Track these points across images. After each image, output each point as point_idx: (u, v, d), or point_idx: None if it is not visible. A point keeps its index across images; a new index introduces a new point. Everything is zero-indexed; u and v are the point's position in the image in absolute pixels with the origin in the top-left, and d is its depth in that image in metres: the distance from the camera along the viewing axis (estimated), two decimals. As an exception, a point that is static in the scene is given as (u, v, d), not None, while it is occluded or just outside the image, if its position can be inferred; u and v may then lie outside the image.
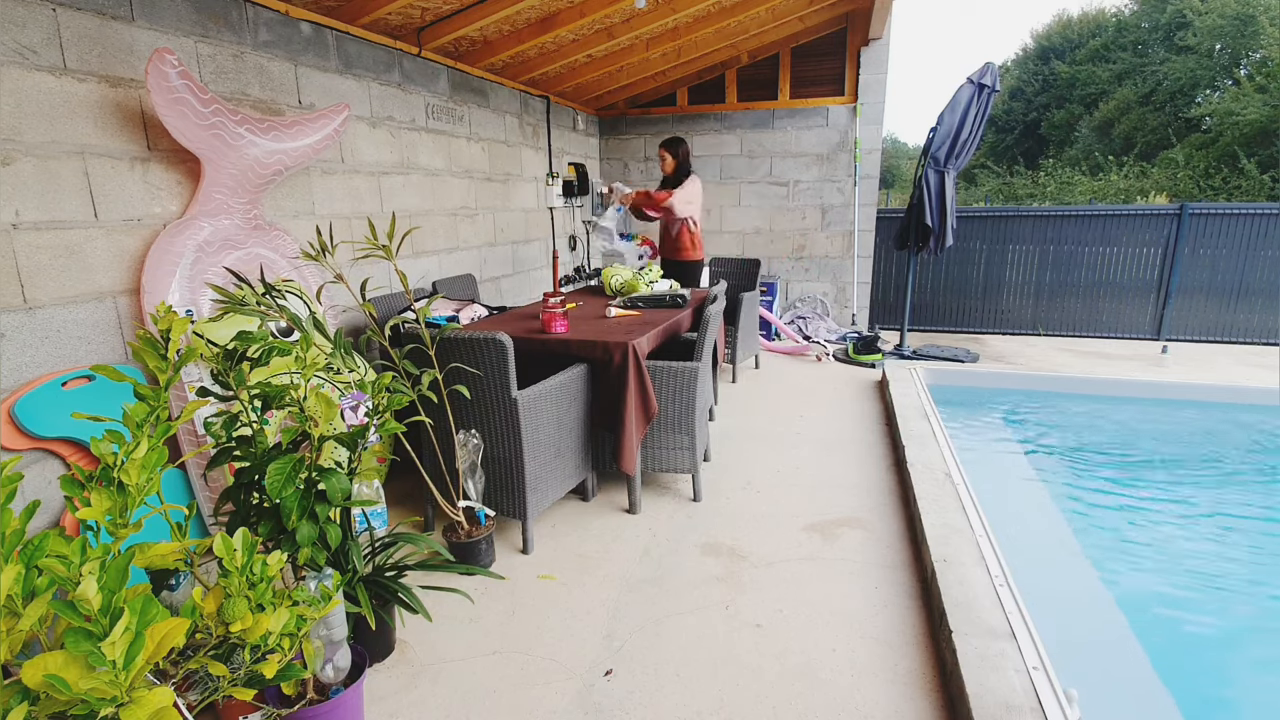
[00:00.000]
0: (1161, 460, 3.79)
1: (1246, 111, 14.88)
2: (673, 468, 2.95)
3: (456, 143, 4.36)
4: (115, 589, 1.09)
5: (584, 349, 2.80)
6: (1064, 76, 22.09)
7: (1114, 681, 2.09)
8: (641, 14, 4.31)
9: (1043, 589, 2.24)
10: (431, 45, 3.82)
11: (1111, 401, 4.63)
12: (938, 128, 5.07)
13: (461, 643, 2.05)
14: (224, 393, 1.67)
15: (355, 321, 3.46)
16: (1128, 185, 15.74)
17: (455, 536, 2.42)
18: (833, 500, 2.96)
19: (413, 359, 2.34)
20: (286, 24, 3.00)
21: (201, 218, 2.48)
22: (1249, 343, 6.05)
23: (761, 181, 6.43)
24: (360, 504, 1.69)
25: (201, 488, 2.40)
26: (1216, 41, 17.30)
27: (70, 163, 2.17)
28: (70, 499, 1.26)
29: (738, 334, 4.69)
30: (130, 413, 1.34)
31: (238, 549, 1.33)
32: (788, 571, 2.41)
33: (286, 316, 2.02)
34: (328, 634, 1.57)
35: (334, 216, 3.33)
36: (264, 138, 2.55)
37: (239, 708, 1.51)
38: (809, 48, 6.02)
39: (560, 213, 5.96)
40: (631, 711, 1.76)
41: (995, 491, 3.12)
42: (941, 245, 5.29)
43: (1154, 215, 6.06)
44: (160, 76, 2.20)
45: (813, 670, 1.90)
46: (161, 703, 1.07)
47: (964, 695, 1.65)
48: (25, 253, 2.05)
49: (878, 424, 3.94)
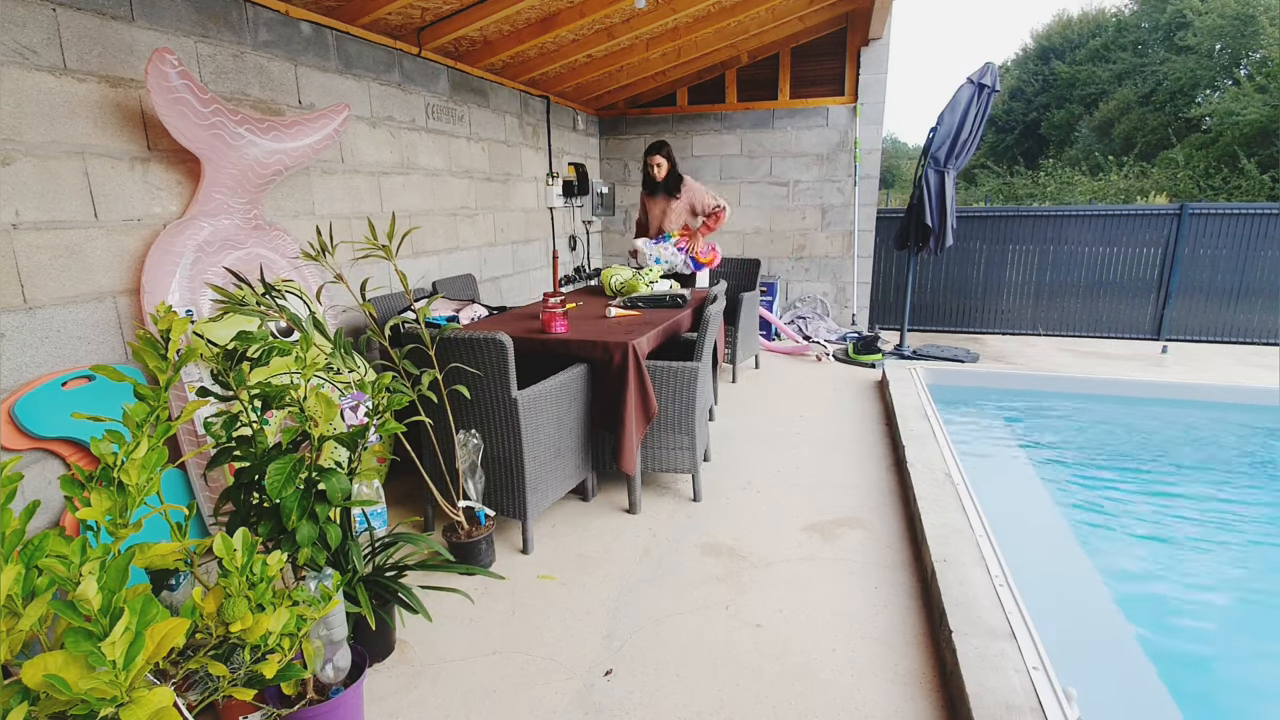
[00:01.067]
0: (1161, 460, 3.79)
1: (1246, 111, 14.89)
2: (673, 468, 2.95)
3: (456, 143, 4.36)
4: (115, 589, 1.09)
5: (584, 349, 2.80)
6: (1064, 76, 22.10)
7: (1114, 681, 2.09)
8: (641, 14, 4.31)
9: (1043, 589, 2.24)
10: (431, 45, 3.82)
11: (1111, 401, 4.63)
12: (938, 128, 5.07)
13: (461, 643, 2.05)
14: (224, 393, 1.67)
15: (355, 321, 3.46)
16: (1128, 185, 15.74)
17: (455, 536, 2.42)
18: (833, 500, 2.96)
19: (413, 359, 2.34)
20: (286, 24, 3.00)
21: (201, 218, 2.48)
22: (1249, 343, 6.05)
23: (761, 181, 6.43)
24: (360, 504, 1.69)
25: (201, 488, 2.40)
26: (1216, 41, 17.30)
27: (70, 163, 2.17)
28: (70, 499, 1.26)
29: (738, 334, 4.69)
30: (130, 413, 1.34)
31: (238, 549, 1.33)
32: (788, 571, 2.40)
33: (286, 316, 2.02)
34: (328, 634, 1.57)
35: (334, 216, 3.33)
36: (264, 138, 2.55)
37: (239, 708, 1.51)
38: (809, 48, 6.02)
39: (560, 213, 5.96)
40: (631, 711, 1.76)
41: (995, 491, 3.12)
42: (941, 245, 5.29)
43: (1154, 215, 6.06)
44: (160, 76, 2.20)
45: (813, 670, 1.90)
46: (161, 703, 1.07)
47: (964, 695, 1.65)
48: (25, 253, 2.05)
49: (878, 424, 3.94)
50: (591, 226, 6.70)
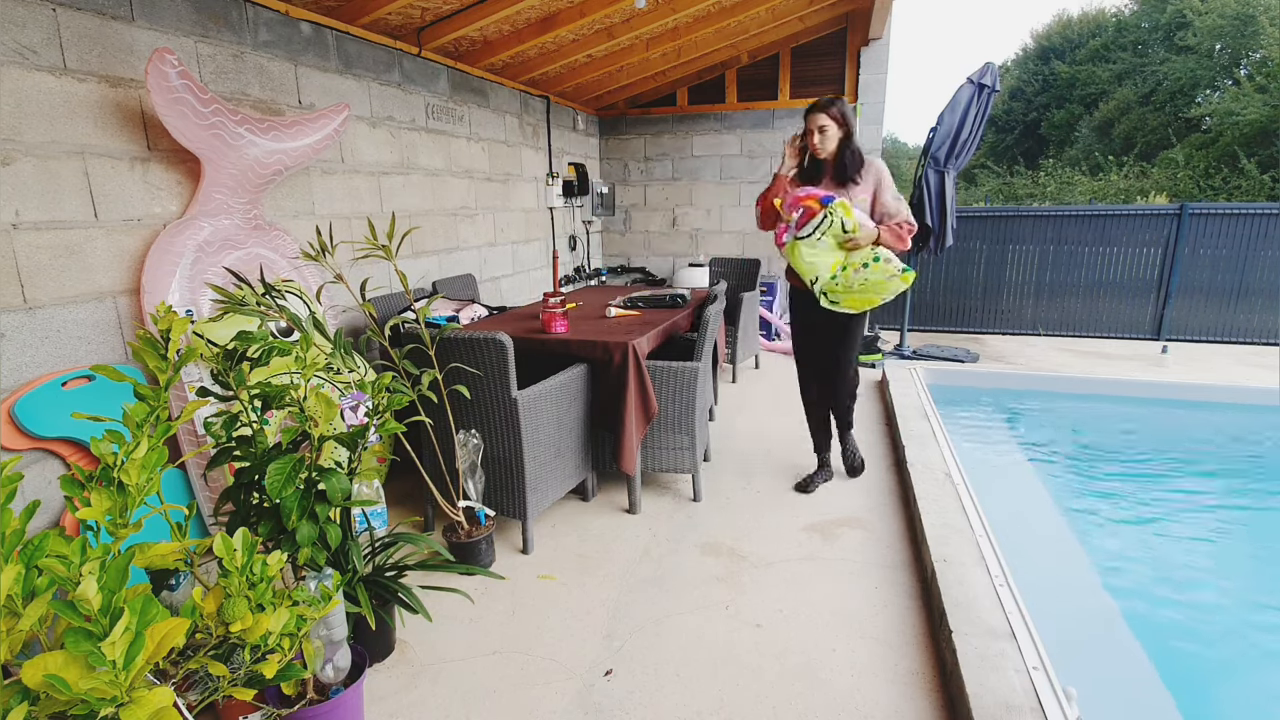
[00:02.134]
0: (1161, 460, 3.79)
1: (1246, 111, 14.88)
2: (673, 468, 2.95)
3: (456, 143, 4.36)
4: (115, 589, 1.09)
5: (584, 349, 2.80)
6: (1064, 76, 22.09)
7: (1113, 681, 2.09)
8: (641, 14, 4.31)
9: (1043, 589, 2.24)
10: (431, 45, 3.82)
11: (1111, 401, 4.63)
12: (938, 128, 5.07)
13: (461, 643, 2.05)
14: (224, 393, 1.67)
15: (355, 321, 3.46)
16: (1128, 185, 15.74)
17: (455, 536, 2.42)
18: (833, 500, 2.95)
19: (413, 359, 2.34)
20: (286, 24, 3.00)
21: (201, 218, 2.48)
22: (1249, 343, 6.05)
23: (762, 182, 6.43)
24: (360, 504, 1.69)
25: (201, 488, 2.40)
26: (1216, 41, 17.30)
27: (70, 163, 2.17)
28: (70, 499, 1.26)
29: (738, 334, 4.69)
30: (130, 413, 1.34)
31: (238, 549, 1.33)
32: (788, 571, 2.40)
33: (286, 316, 2.02)
34: (328, 634, 1.57)
35: (334, 216, 3.33)
36: (264, 138, 2.55)
37: (239, 708, 1.51)
38: (809, 48, 6.02)
39: (560, 213, 5.96)
40: (631, 711, 1.76)
41: (995, 491, 3.12)
42: (941, 245, 5.29)
43: (1154, 215, 6.06)
44: (160, 76, 2.20)
45: (813, 670, 1.90)
46: (161, 703, 1.07)
47: (964, 695, 1.65)
48: (25, 253, 2.05)
49: (878, 424, 3.94)
50: (591, 226, 6.70)
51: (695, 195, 6.72)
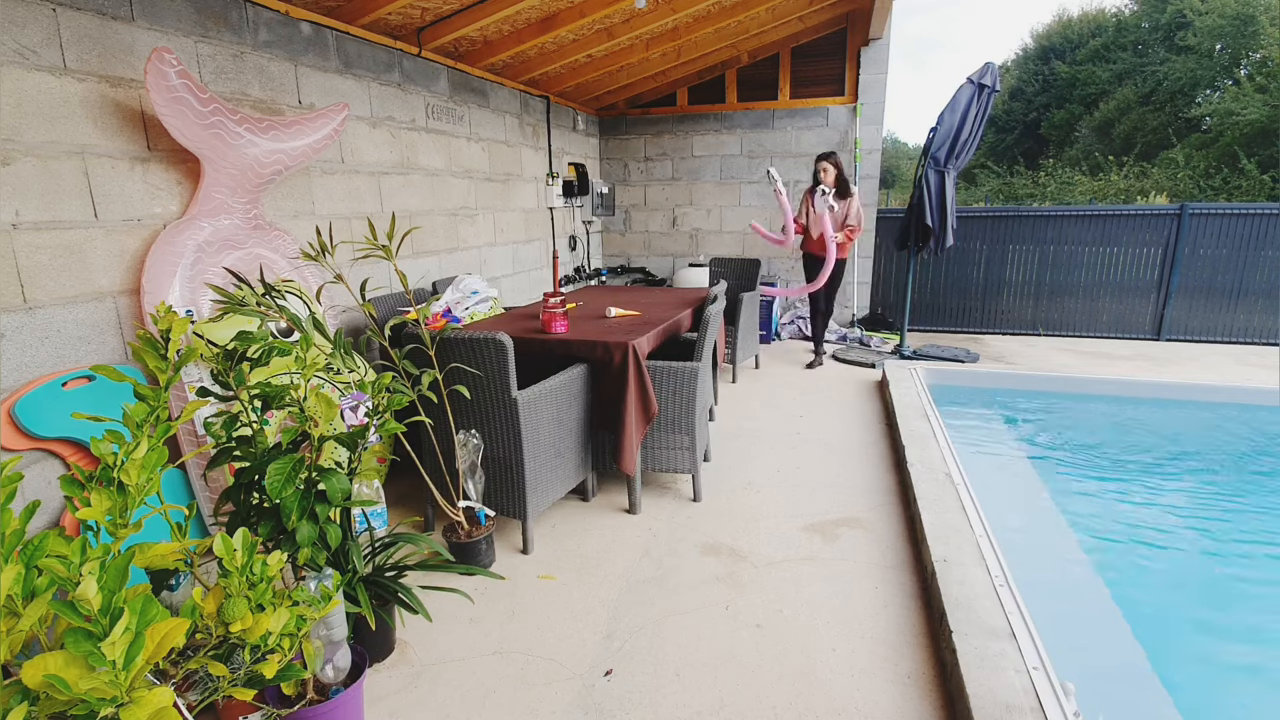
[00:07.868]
0: (1161, 460, 3.79)
1: (1246, 111, 14.88)
2: (673, 468, 2.95)
3: (456, 143, 4.36)
4: (115, 589, 1.09)
5: (584, 349, 2.80)
6: (1064, 76, 22.08)
7: (1113, 680, 2.09)
8: (641, 14, 4.31)
9: (1043, 589, 2.24)
10: (431, 45, 3.82)
11: (1111, 401, 4.63)
12: (938, 128, 5.07)
13: (461, 643, 2.05)
14: (224, 393, 1.67)
15: (355, 321, 3.46)
16: (1128, 185, 15.73)
17: (455, 536, 2.42)
18: (833, 500, 2.95)
19: (413, 359, 2.34)
20: (286, 24, 3.00)
21: (201, 218, 2.48)
22: (1249, 343, 6.05)
23: (762, 181, 6.43)
24: (360, 504, 1.69)
25: (201, 488, 2.40)
26: (1216, 41, 17.28)
27: (70, 163, 2.17)
28: (70, 499, 1.26)
29: (738, 334, 4.69)
30: (130, 413, 1.34)
31: (238, 549, 1.33)
32: (788, 571, 2.40)
33: (286, 316, 2.02)
34: (328, 634, 1.57)
35: (334, 216, 3.33)
36: (263, 137, 2.55)
37: (239, 708, 1.51)
38: (809, 48, 6.02)
39: (560, 213, 5.96)
40: (631, 711, 1.76)
41: (995, 491, 3.12)
42: (941, 245, 5.29)
43: (1154, 215, 6.06)
44: (160, 76, 2.20)
45: (813, 670, 1.90)
46: (161, 703, 1.07)
47: (964, 695, 1.65)
48: (25, 253, 2.05)
49: (878, 424, 3.94)
50: (591, 226, 6.71)
51: (695, 195, 6.72)
